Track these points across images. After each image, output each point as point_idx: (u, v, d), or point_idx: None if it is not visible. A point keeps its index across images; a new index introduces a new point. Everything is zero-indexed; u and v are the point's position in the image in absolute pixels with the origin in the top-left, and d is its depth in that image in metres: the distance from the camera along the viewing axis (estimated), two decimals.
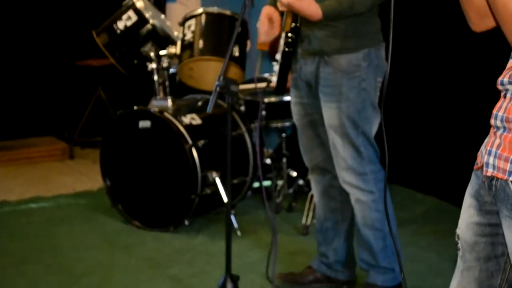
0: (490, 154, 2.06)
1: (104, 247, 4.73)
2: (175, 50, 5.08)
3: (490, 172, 2.05)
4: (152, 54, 5.10)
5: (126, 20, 5.22)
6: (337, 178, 3.84)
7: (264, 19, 3.79)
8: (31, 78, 7.27)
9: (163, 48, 5.14)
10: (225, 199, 4.63)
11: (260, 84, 4.74)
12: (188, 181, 4.77)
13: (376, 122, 3.76)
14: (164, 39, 5.21)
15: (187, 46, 4.99)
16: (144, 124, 4.90)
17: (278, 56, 3.80)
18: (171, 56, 5.12)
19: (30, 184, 6.13)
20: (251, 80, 5.33)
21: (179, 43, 5.05)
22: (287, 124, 5.31)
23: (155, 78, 5.11)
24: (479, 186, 2.14)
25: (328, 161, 3.87)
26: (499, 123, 2.04)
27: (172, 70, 5.20)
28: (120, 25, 5.22)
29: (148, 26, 5.19)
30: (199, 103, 5.19)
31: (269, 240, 4.43)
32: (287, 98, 5.04)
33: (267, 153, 5.44)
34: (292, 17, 3.70)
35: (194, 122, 4.95)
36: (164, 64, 5.12)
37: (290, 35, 3.71)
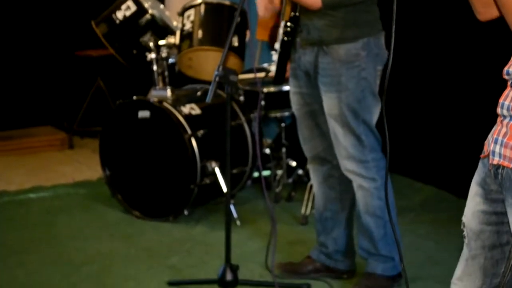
0: (496, 142, 2.06)
1: (104, 237, 4.74)
2: (174, 40, 5.08)
3: (496, 160, 2.06)
4: (151, 44, 5.10)
5: (125, 10, 5.21)
6: (336, 168, 3.84)
7: None
8: (31, 69, 7.26)
9: (162, 38, 5.14)
10: (224, 189, 4.63)
11: (259, 74, 4.74)
12: (187, 171, 4.78)
13: (376, 110, 3.75)
14: (163, 29, 5.21)
15: (186, 36, 4.98)
16: (144, 114, 4.90)
17: (277, 45, 3.79)
18: (170, 46, 5.12)
19: (29, 174, 6.14)
20: (250, 70, 5.33)
21: (178, 33, 5.05)
22: (286, 114, 5.30)
23: (155, 68, 5.11)
24: (485, 175, 2.15)
25: (328, 150, 3.87)
26: (505, 112, 2.04)
27: (171, 60, 5.20)
28: (119, 15, 5.22)
29: (147, 16, 5.19)
30: (199, 93, 5.18)
31: (268, 229, 4.43)
32: (286, 88, 5.03)
33: (266, 143, 5.45)
34: (291, 6, 3.69)
35: (194, 112, 4.95)
36: (163, 54, 5.12)
37: (289, 24, 3.71)
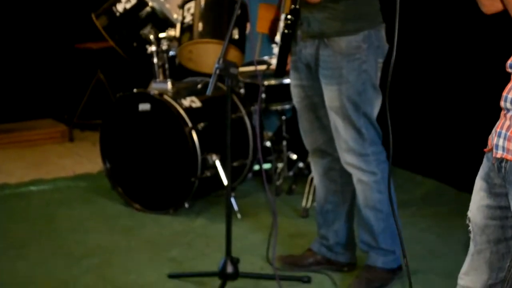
0: (500, 136, 2.06)
1: (104, 229, 4.74)
2: (175, 32, 5.07)
3: (500, 154, 2.05)
4: (151, 37, 5.09)
5: (126, 3, 5.20)
6: (337, 161, 3.84)
7: None
8: (31, 61, 7.26)
9: (163, 31, 5.13)
10: (225, 182, 4.63)
11: (260, 67, 4.74)
12: (188, 163, 4.77)
13: (377, 103, 3.75)
14: (163, 22, 5.20)
15: (187, 29, 4.97)
16: (144, 107, 4.90)
17: (278, 38, 3.78)
18: (170, 39, 5.11)
19: (30, 167, 6.14)
20: (250, 63, 5.32)
21: (178, 26, 5.04)
22: (287, 106, 5.30)
23: (155, 60, 5.11)
24: (489, 169, 2.14)
25: (329, 143, 3.86)
26: (509, 105, 2.04)
27: (171, 53, 5.19)
28: (120, 7, 5.21)
29: (148, 9, 5.18)
30: (199, 86, 5.18)
31: (269, 222, 4.43)
32: (287, 81, 5.03)
33: (267, 136, 5.44)
34: None
35: (194, 105, 4.95)
36: (164, 46, 5.11)
37: (289, 17, 3.70)
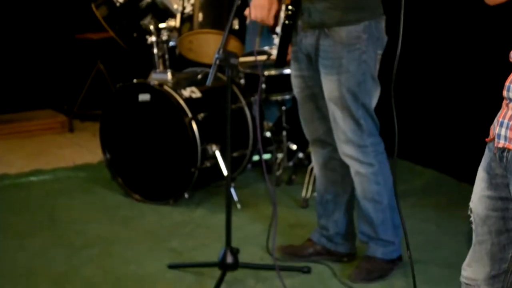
0: (502, 125, 2.05)
1: (104, 220, 4.74)
2: (175, 23, 5.06)
3: (502, 143, 2.05)
4: (151, 27, 5.08)
5: None
6: (337, 151, 3.84)
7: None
8: (31, 52, 7.25)
9: (163, 21, 5.12)
10: (225, 172, 4.63)
11: (260, 57, 4.73)
12: (188, 154, 4.77)
13: (376, 94, 3.75)
14: (163, 12, 5.19)
15: (187, 19, 4.97)
16: (144, 97, 4.89)
17: (278, 29, 3.78)
18: (170, 29, 5.11)
19: (29, 157, 6.13)
20: (251, 53, 5.31)
21: (178, 16, 5.03)
22: (287, 97, 5.30)
23: (155, 51, 5.10)
24: (490, 159, 2.14)
25: (329, 133, 3.86)
26: (511, 95, 2.03)
27: (171, 43, 5.18)
28: None
29: None
30: (199, 76, 5.17)
31: (269, 213, 4.44)
32: (287, 71, 5.02)
33: (267, 126, 5.44)
34: None
35: (194, 95, 4.94)
36: (164, 37, 5.11)
37: (290, 7, 3.70)
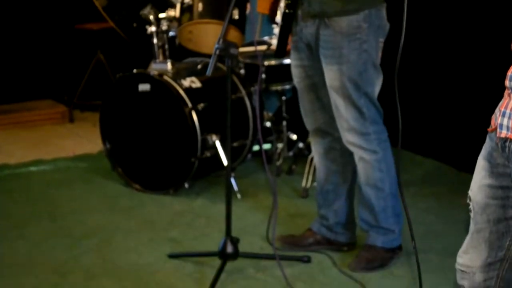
0: (504, 115, 2.05)
1: (104, 209, 4.74)
2: (175, 13, 5.05)
3: (504, 133, 2.05)
4: (151, 17, 5.08)
5: None
6: (337, 141, 3.84)
7: None
8: (31, 42, 7.24)
9: (163, 11, 5.11)
10: (225, 162, 4.63)
11: (260, 47, 4.73)
12: (188, 144, 4.77)
13: (378, 83, 3.74)
14: (163, 2, 5.18)
15: (187, 9, 4.96)
16: (144, 87, 4.89)
17: (279, 18, 3.78)
18: (170, 19, 5.10)
19: (30, 147, 6.14)
20: (250, 43, 5.31)
21: (178, 6, 5.02)
22: (287, 87, 5.30)
23: (155, 41, 5.09)
24: (491, 149, 2.14)
25: (329, 123, 3.86)
26: None
27: (171, 33, 5.18)
28: None
29: None
30: (199, 66, 5.17)
31: (269, 202, 4.45)
32: (287, 61, 5.02)
33: (267, 116, 5.44)
34: None
35: (194, 85, 4.94)
36: (164, 27, 5.10)
37: None
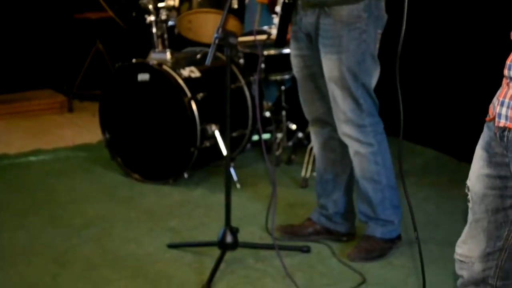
0: (503, 105, 2.05)
1: (104, 199, 4.74)
2: (174, 2, 5.04)
3: (503, 123, 2.05)
4: (150, 7, 5.06)
5: None
6: (337, 130, 3.84)
7: None
8: (30, 32, 7.23)
9: (162, 1, 5.09)
10: (224, 152, 4.63)
11: (260, 36, 4.72)
12: (187, 134, 4.77)
13: (375, 74, 3.75)
14: None
15: None
16: (143, 77, 4.88)
17: (278, 8, 3.77)
18: (169, 9, 5.09)
19: (29, 137, 6.14)
20: (250, 33, 5.30)
21: None
22: (287, 77, 5.28)
23: (154, 30, 5.08)
24: (490, 138, 2.14)
25: (328, 113, 3.86)
26: None
27: (170, 23, 5.17)
28: None
29: None
30: (198, 56, 5.16)
31: (268, 192, 4.45)
32: (286, 51, 5.01)
33: (267, 106, 5.43)
34: None
35: (193, 75, 4.93)
36: (163, 16, 5.09)
37: None
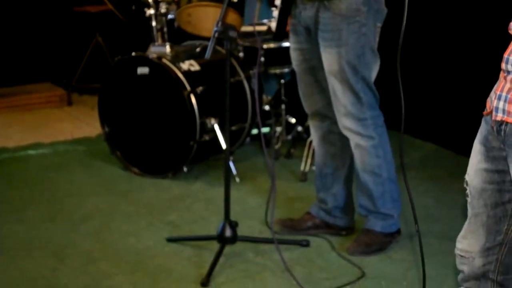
0: (500, 98, 2.04)
1: (103, 193, 4.74)
2: None
3: (500, 116, 2.04)
4: (150, 0, 5.06)
5: None
6: (336, 124, 3.83)
7: None
8: (29, 25, 7.22)
9: None
10: (223, 146, 4.63)
11: (259, 27, 4.71)
12: (186, 127, 4.76)
13: (375, 67, 3.74)
14: None
15: None
16: (143, 70, 4.87)
17: (278, 1, 3.76)
18: (169, 2, 5.08)
19: (28, 130, 6.13)
20: (250, 26, 5.29)
21: None
22: (286, 70, 5.28)
23: (153, 24, 5.07)
24: (487, 132, 2.14)
25: (328, 107, 3.85)
26: (510, 67, 2.02)
27: (170, 16, 5.16)
28: None
29: None
30: (198, 49, 5.15)
31: (267, 186, 4.45)
32: (286, 44, 5.01)
33: (266, 99, 5.43)
34: None
35: (193, 69, 4.92)
36: (162, 10, 5.08)
37: None
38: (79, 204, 4.56)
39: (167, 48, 5.01)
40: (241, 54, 5.25)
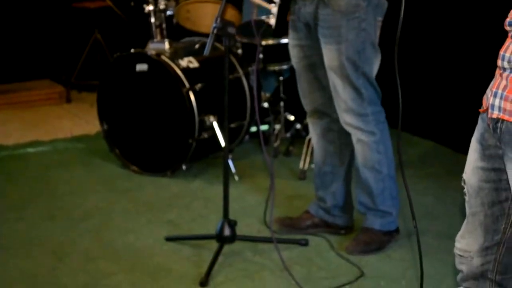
0: (496, 96, 2.04)
1: (102, 191, 4.74)
2: None
3: (496, 114, 2.04)
4: None
5: None
6: (335, 122, 3.82)
7: None
8: (28, 21, 7.21)
9: None
10: (222, 144, 4.62)
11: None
12: (185, 125, 4.76)
13: (376, 62, 3.73)
14: None
15: None
16: (141, 67, 4.86)
17: None
18: None
19: (27, 128, 6.13)
20: (248, 23, 5.28)
21: None
22: (285, 67, 5.27)
23: (152, 20, 5.06)
24: (483, 130, 2.13)
25: (327, 104, 3.85)
26: (506, 64, 2.01)
27: (169, 13, 5.15)
28: None
29: None
30: (197, 46, 5.14)
31: (266, 184, 4.45)
32: (285, 41, 5.00)
33: (265, 96, 5.42)
34: None
35: (192, 65, 4.92)
36: (161, 6, 5.07)
37: None
38: (78, 202, 4.56)
39: (166, 45, 5.00)
40: (239, 51, 5.24)
